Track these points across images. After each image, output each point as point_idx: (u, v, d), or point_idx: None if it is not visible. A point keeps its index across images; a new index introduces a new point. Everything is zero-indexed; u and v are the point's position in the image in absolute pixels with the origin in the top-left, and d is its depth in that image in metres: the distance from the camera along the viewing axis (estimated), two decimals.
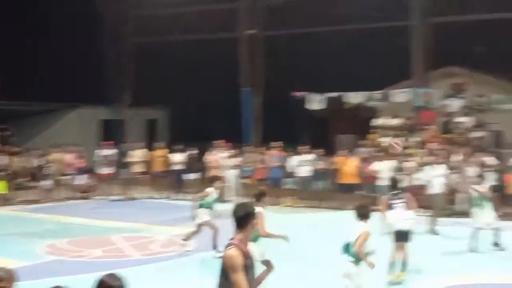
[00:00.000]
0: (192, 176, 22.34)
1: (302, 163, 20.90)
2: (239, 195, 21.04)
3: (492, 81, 25.37)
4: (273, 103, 27.29)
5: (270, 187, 21.51)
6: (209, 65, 28.67)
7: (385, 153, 20.51)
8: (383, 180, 19.31)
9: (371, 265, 8.61)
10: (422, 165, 19.27)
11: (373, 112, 24.71)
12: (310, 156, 20.99)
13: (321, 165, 20.83)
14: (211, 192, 13.38)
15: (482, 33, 25.03)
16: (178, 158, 22.60)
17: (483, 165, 18.66)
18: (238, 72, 27.78)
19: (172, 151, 23.06)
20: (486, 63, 26.04)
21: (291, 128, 27.56)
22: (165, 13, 28.17)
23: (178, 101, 30.00)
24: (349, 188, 20.38)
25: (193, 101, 29.64)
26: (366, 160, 20.37)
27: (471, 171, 18.11)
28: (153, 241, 15.18)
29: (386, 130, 22.41)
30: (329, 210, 19.71)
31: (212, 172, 21.71)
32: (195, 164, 22.47)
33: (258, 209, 9.99)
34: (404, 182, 18.94)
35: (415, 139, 21.36)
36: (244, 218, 5.60)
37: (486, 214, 13.51)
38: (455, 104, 22.32)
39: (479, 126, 21.81)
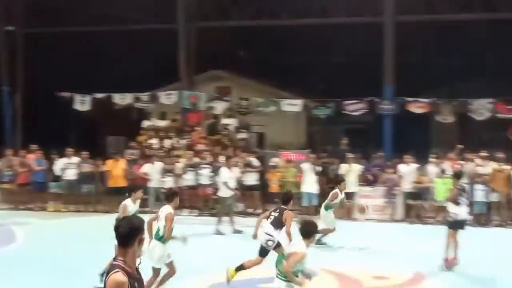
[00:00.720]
0: None
1: (68, 166, 20.15)
2: None
3: (254, 85, 26.73)
4: (39, 104, 25.97)
5: (34, 192, 20.55)
6: None
7: (154, 155, 20.55)
8: (153, 182, 19.42)
9: (301, 284, 7.70)
10: (189, 166, 19.71)
11: (143, 114, 24.67)
12: (76, 159, 20.30)
13: (87, 168, 20.21)
14: (129, 205, 10.71)
15: (245, 39, 26.23)
16: None
17: (247, 165, 19.57)
18: None
19: None
20: (249, 67, 27.40)
21: (58, 129, 26.48)
22: None
23: None
24: (117, 191, 20.01)
25: None
26: (135, 162, 20.23)
27: (236, 171, 18.89)
28: None
29: (155, 131, 22.48)
30: (97, 214, 19.19)
31: None
32: None
33: (168, 209, 9.41)
34: (172, 183, 19.36)
35: (182, 140, 21.71)
36: (129, 235, 4.87)
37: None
38: (220, 106, 23.12)
39: (243, 127, 22.80)
